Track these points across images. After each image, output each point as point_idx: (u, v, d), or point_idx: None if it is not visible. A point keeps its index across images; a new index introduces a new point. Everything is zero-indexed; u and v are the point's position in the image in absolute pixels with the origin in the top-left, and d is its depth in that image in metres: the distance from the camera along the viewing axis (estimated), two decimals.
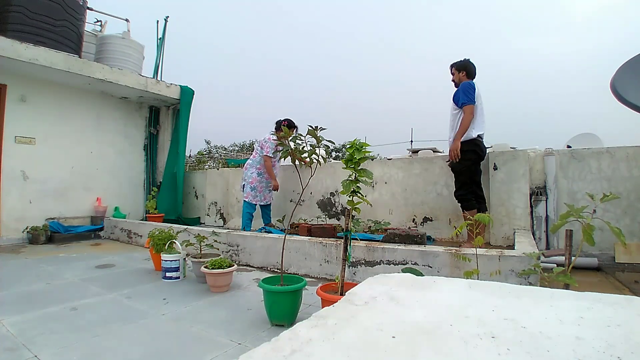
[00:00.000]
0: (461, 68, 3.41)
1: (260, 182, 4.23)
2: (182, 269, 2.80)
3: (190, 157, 13.11)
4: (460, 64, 3.44)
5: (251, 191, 4.21)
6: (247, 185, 4.24)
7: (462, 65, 3.42)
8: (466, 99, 3.14)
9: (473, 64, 3.43)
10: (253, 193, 4.21)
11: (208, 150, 18.43)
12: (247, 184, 4.25)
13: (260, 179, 4.23)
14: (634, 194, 3.08)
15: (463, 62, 3.44)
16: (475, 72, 3.41)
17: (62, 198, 5.09)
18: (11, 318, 1.91)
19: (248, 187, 4.23)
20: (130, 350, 1.56)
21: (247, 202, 4.24)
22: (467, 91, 3.17)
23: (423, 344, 0.61)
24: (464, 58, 3.48)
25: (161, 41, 6.57)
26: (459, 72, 3.42)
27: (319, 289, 1.82)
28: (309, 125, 1.89)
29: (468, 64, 3.41)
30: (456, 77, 3.43)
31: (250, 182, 4.22)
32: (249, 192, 4.21)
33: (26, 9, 4.60)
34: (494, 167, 3.46)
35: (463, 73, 3.38)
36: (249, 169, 4.28)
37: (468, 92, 3.17)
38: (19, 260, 3.53)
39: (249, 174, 4.26)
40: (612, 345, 0.58)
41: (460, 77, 3.39)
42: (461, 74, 3.39)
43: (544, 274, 1.68)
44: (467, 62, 3.43)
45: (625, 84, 2.87)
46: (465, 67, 3.39)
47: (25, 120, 4.71)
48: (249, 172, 4.27)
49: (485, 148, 3.30)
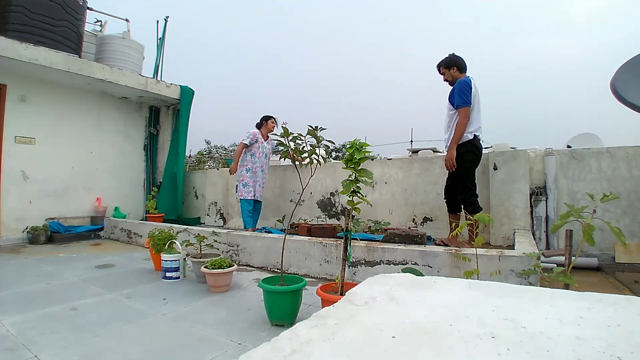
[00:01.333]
0: (450, 64, 3.19)
1: (250, 178, 4.35)
2: (182, 269, 2.80)
3: (190, 157, 13.09)
4: (447, 60, 3.21)
5: (244, 188, 4.33)
6: (239, 183, 4.37)
7: (450, 62, 3.20)
8: (461, 100, 2.95)
9: (459, 56, 3.21)
10: (246, 189, 4.32)
11: (208, 150, 18.40)
12: (239, 183, 4.38)
13: (250, 175, 4.34)
14: (634, 194, 3.08)
15: (449, 57, 3.22)
16: (465, 64, 3.18)
17: (62, 198, 5.09)
18: (11, 318, 1.91)
19: (240, 185, 4.35)
20: (130, 350, 1.56)
21: (243, 200, 4.35)
22: (462, 91, 2.98)
23: (423, 344, 0.61)
24: (449, 53, 3.26)
25: (161, 41, 6.56)
26: (449, 69, 3.20)
27: (319, 289, 1.82)
28: (309, 125, 1.89)
29: (454, 57, 3.19)
30: (448, 75, 3.22)
31: (241, 180, 4.35)
32: (242, 190, 4.33)
33: (26, 9, 4.61)
34: (494, 167, 3.46)
35: (454, 69, 3.17)
36: (240, 169, 4.41)
37: (463, 92, 2.97)
38: (19, 260, 3.53)
39: (239, 172, 4.41)
40: (612, 345, 0.58)
41: (453, 75, 3.18)
42: (452, 70, 3.18)
43: (544, 274, 1.68)
44: (453, 56, 3.21)
45: (625, 84, 2.88)
46: (454, 63, 3.18)
47: (25, 120, 4.71)
48: (239, 171, 4.41)
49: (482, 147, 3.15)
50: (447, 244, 2.84)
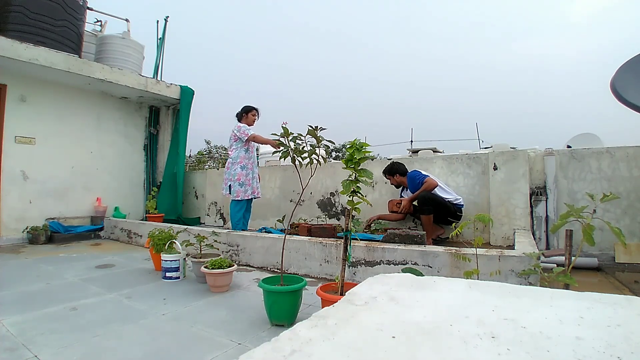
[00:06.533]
0: (392, 172, 3.74)
1: (247, 176, 4.04)
2: (182, 269, 2.80)
3: (190, 157, 13.09)
4: (389, 168, 3.76)
5: (240, 187, 3.99)
6: (235, 183, 4.00)
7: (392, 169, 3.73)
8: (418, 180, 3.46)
9: (399, 163, 3.78)
10: (243, 189, 4.00)
11: (208, 150, 18.39)
12: (233, 183, 4.01)
13: (246, 173, 4.04)
14: (634, 194, 3.08)
15: (390, 166, 3.76)
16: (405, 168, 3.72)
17: (62, 198, 5.09)
18: (11, 318, 1.91)
19: (236, 185, 4.00)
20: (130, 350, 1.56)
21: (236, 202, 4.03)
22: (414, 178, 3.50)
23: (423, 344, 0.61)
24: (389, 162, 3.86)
25: (161, 41, 6.56)
26: (393, 175, 3.74)
27: (319, 289, 1.82)
28: (309, 125, 1.89)
29: (395, 165, 3.74)
30: (393, 180, 3.77)
31: (237, 179, 3.99)
32: (239, 190, 3.99)
33: (26, 9, 4.60)
34: (494, 167, 3.46)
35: (397, 175, 3.71)
36: (232, 167, 4.05)
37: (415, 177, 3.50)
38: (19, 260, 3.53)
39: (232, 172, 4.04)
40: (612, 345, 0.58)
41: (397, 180, 3.73)
42: (396, 177, 3.73)
43: (544, 274, 1.68)
44: (394, 164, 3.75)
45: (625, 84, 2.87)
46: (395, 170, 3.72)
47: (25, 120, 4.71)
48: (232, 171, 4.04)
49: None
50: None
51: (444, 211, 3.34)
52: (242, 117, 4.16)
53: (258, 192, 4.20)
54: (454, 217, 3.36)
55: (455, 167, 3.81)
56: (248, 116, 4.15)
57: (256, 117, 4.20)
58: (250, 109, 4.17)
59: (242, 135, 4.03)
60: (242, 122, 4.15)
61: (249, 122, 4.15)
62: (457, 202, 3.43)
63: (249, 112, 4.15)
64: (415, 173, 3.56)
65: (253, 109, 4.18)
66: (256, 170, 4.21)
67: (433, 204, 3.31)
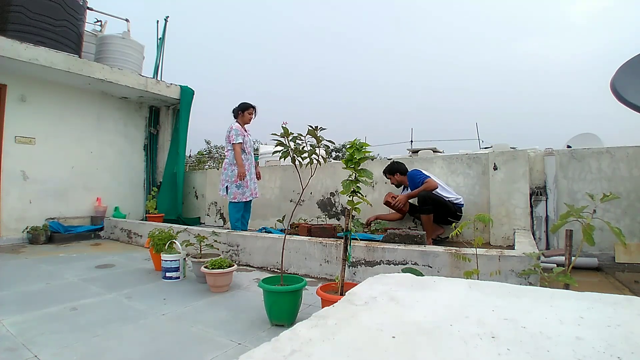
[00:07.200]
0: (393, 171, 3.73)
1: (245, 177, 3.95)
2: (182, 269, 2.80)
3: (190, 157, 13.09)
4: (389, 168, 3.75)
5: (237, 189, 3.92)
6: (231, 185, 3.93)
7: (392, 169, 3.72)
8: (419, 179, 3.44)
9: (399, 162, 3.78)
10: (240, 190, 3.93)
11: (208, 150, 18.37)
12: (230, 184, 3.94)
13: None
14: (634, 194, 3.08)
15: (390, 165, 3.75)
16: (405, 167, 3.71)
17: (62, 198, 5.09)
18: (11, 318, 1.91)
19: (233, 187, 3.92)
20: (130, 350, 1.56)
21: (234, 204, 3.96)
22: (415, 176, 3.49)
23: (423, 344, 0.61)
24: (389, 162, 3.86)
25: (161, 41, 6.57)
26: (393, 175, 3.74)
27: (319, 289, 1.82)
28: (309, 125, 1.89)
29: (395, 165, 3.73)
30: (393, 180, 3.76)
31: (234, 181, 3.91)
32: (236, 192, 3.92)
33: (26, 9, 4.60)
34: (494, 167, 3.46)
35: (397, 174, 3.70)
36: (228, 168, 3.98)
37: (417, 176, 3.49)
38: (19, 260, 3.53)
39: (229, 173, 3.96)
40: (612, 345, 0.58)
41: (397, 179, 3.72)
42: (396, 175, 3.71)
43: (544, 274, 1.68)
44: (394, 164, 3.74)
45: (625, 84, 2.87)
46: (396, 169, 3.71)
47: (25, 120, 4.71)
48: (229, 172, 3.97)
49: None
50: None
51: (444, 211, 3.34)
52: (239, 114, 4.07)
53: (256, 193, 4.17)
54: (454, 216, 3.36)
55: (455, 167, 3.81)
56: (244, 114, 4.06)
57: (253, 116, 4.12)
58: (247, 107, 4.07)
59: (229, 140, 3.95)
60: (238, 119, 4.07)
61: (245, 120, 4.08)
62: (458, 202, 3.43)
63: (245, 110, 4.06)
64: (416, 172, 3.56)
65: (250, 106, 4.09)
66: (253, 171, 4.14)
67: (433, 203, 3.31)
